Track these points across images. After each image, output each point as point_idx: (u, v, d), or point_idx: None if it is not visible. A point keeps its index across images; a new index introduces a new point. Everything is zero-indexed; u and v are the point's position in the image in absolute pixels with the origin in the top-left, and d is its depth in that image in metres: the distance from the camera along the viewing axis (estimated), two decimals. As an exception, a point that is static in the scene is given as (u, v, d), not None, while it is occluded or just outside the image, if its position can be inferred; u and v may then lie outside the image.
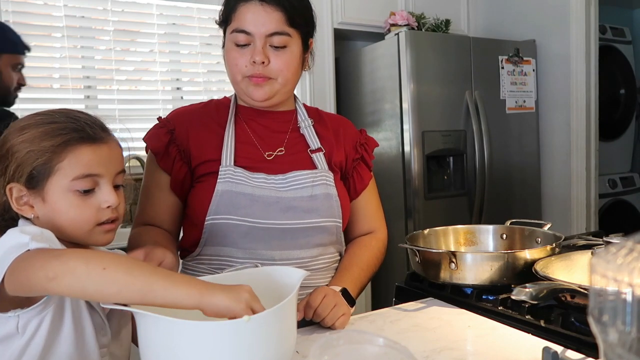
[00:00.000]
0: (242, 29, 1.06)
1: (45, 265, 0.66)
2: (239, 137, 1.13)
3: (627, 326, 0.42)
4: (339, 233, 1.16)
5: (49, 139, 0.79)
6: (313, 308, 0.99)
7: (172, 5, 2.64)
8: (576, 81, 2.88)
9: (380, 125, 2.76)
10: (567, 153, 2.95)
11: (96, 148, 0.81)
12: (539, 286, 0.92)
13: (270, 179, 1.09)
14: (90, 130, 0.82)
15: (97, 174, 0.81)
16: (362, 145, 1.24)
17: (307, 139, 1.17)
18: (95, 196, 0.82)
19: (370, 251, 1.21)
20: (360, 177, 1.23)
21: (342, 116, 1.33)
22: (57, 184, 0.79)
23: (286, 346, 0.71)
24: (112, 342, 0.85)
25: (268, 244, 1.07)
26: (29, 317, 0.75)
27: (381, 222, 1.28)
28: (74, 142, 0.80)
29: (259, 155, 1.13)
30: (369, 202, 1.25)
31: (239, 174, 1.08)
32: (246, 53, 1.07)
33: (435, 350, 0.88)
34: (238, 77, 1.09)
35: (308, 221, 1.09)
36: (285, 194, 1.09)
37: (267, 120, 1.16)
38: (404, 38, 2.57)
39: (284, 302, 0.68)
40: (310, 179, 1.11)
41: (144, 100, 2.61)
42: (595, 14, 2.85)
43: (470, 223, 2.65)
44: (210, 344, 0.63)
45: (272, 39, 1.06)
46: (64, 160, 0.79)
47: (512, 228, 1.34)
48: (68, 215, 0.80)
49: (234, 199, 1.06)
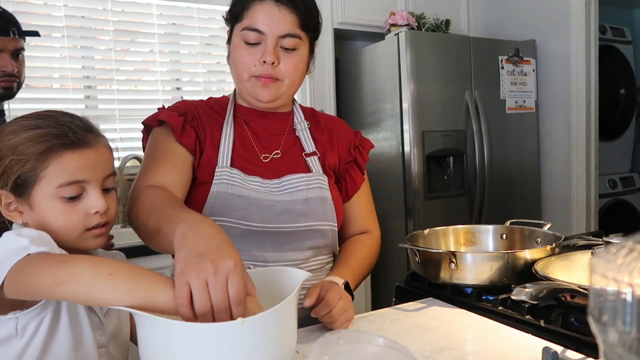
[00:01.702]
0: (254, 27, 1.04)
1: (51, 271, 0.66)
2: (236, 138, 1.12)
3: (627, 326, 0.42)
4: (333, 236, 1.15)
5: (33, 146, 0.77)
6: (329, 308, 0.96)
7: (172, 5, 2.64)
8: (576, 81, 2.88)
9: (380, 126, 2.76)
10: (567, 153, 2.95)
11: (81, 153, 0.79)
12: (539, 286, 0.92)
13: (265, 183, 1.09)
14: (74, 135, 0.79)
15: (83, 180, 0.80)
16: (357, 147, 1.23)
17: (302, 142, 1.17)
18: (83, 202, 0.80)
19: (367, 249, 1.20)
20: (353, 180, 1.21)
21: (337, 117, 1.32)
22: (42, 192, 0.78)
23: (286, 347, 0.71)
24: (110, 342, 0.85)
25: (261, 246, 1.07)
26: (28, 318, 0.75)
27: (374, 224, 1.28)
28: (57, 148, 0.78)
29: (255, 158, 1.12)
30: (362, 205, 1.25)
31: (235, 175, 1.07)
32: (256, 52, 1.05)
33: (435, 350, 0.88)
34: (245, 76, 1.08)
35: (302, 224, 1.09)
36: (280, 198, 1.08)
37: (266, 122, 1.16)
38: (404, 38, 2.57)
39: (282, 303, 0.68)
40: (305, 183, 1.10)
41: (144, 100, 2.60)
42: (595, 14, 2.85)
43: (470, 223, 2.65)
44: (207, 345, 0.63)
45: (284, 41, 1.05)
46: (49, 168, 0.77)
47: (512, 228, 1.34)
48: (56, 222, 0.79)
49: (228, 201, 1.05)
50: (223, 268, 0.64)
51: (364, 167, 1.24)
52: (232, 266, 0.65)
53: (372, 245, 1.22)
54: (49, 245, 0.73)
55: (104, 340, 0.84)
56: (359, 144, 1.24)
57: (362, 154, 1.23)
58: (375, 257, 1.23)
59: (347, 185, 1.21)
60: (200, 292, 0.63)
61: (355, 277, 1.12)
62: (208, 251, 0.66)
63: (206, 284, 0.64)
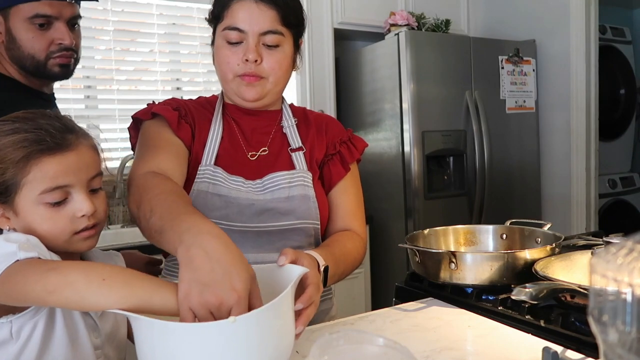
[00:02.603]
0: (235, 26, 1.04)
1: (43, 279, 0.65)
2: (225, 136, 1.11)
3: (627, 326, 0.42)
4: (317, 235, 1.12)
5: (12, 152, 0.75)
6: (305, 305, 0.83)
7: (172, 5, 2.64)
8: (576, 81, 2.88)
9: (380, 125, 2.76)
10: (567, 153, 2.95)
11: (61, 158, 0.77)
12: (539, 286, 0.92)
13: (247, 184, 1.07)
14: (52, 139, 0.76)
15: (66, 185, 0.78)
16: (344, 142, 1.19)
17: (288, 138, 1.15)
18: (68, 206, 0.78)
19: (353, 244, 1.11)
20: (331, 172, 1.16)
21: (329, 115, 1.29)
22: (25, 198, 0.76)
23: (284, 344, 0.71)
24: (105, 343, 0.85)
25: (242, 247, 1.03)
26: (22, 322, 0.75)
27: (359, 225, 1.18)
28: (36, 154, 0.75)
29: (241, 156, 1.11)
30: (345, 201, 1.17)
31: (218, 174, 1.06)
32: (238, 51, 1.05)
33: (435, 350, 0.88)
34: (229, 76, 1.08)
35: (284, 223, 1.07)
36: (262, 197, 1.06)
37: (254, 119, 1.14)
38: (404, 38, 2.57)
39: (275, 300, 0.67)
40: (287, 180, 1.09)
41: (144, 100, 2.58)
42: (595, 14, 2.86)
43: (470, 223, 2.65)
44: (202, 345, 0.63)
45: (265, 38, 1.05)
46: (29, 175, 0.75)
47: (512, 228, 1.34)
48: (42, 228, 0.77)
49: (208, 201, 1.04)
50: (227, 303, 0.65)
51: (349, 162, 1.18)
52: (236, 300, 0.65)
53: (358, 245, 1.13)
54: (38, 250, 0.72)
55: (100, 342, 0.83)
56: (348, 140, 1.20)
57: (350, 149, 1.19)
58: (358, 259, 1.13)
59: (324, 177, 1.17)
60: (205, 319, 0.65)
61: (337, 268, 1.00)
62: (214, 280, 0.65)
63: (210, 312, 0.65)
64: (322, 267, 0.93)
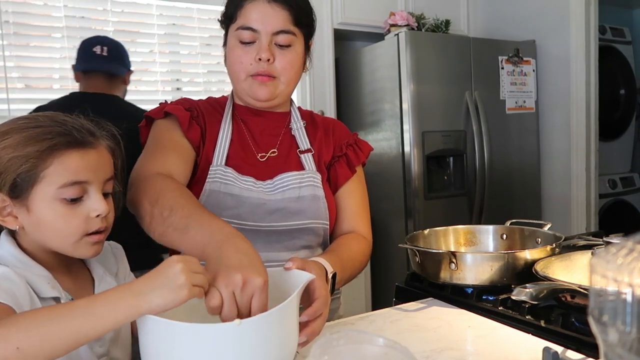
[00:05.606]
0: (248, 26, 1.05)
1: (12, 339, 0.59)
2: (234, 137, 1.12)
3: (627, 326, 0.42)
4: (325, 235, 1.13)
5: (34, 143, 0.73)
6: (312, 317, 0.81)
7: (172, 5, 2.64)
8: (576, 81, 2.88)
9: (380, 126, 2.77)
10: (567, 153, 2.95)
11: (84, 153, 0.76)
12: (539, 286, 0.92)
13: (258, 184, 1.08)
14: (78, 134, 0.76)
15: (86, 181, 0.76)
16: (350, 145, 1.21)
17: (297, 140, 1.16)
18: (84, 205, 0.77)
19: (358, 246, 1.12)
20: (337, 174, 1.18)
21: (336, 119, 1.31)
22: (42, 193, 0.74)
23: (288, 348, 0.71)
24: (111, 348, 0.83)
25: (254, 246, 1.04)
26: None
27: (365, 227, 1.19)
28: (60, 147, 0.74)
29: (251, 157, 1.12)
30: (351, 202, 1.19)
31: (229, 174, 1.07)
32: (251, 51, 1.06)
33: (435, 350, 0.88)
34: (242, 76, 1.08)
35: (294, 223, 1.08)
36: (273, 197, 1.07)
37: (263, 121, 1.16)
38: (403, 38, 2.57)
39: (282, 304, 0.68)
40: (298, 181, 1.10)
41: (144, 100, 2.60)
42: (595, 14, 2.86)
43: (470, 223, 2.65)
44: (207, 346, 0.64)
45: (278, 38, 1.06)
46: (50, 167, 0.74)
47: (512, 228, 1.34)
48: (54, 226, 0.75)
49: (220, 200, 1.05)
50: (252, 284, 0.68)
51: (355, 164, 1.20)
52: (261, 284, 0.69)
53: (364, 247, 1.15)
54: (9, 293, 0.68)
55: (104, 350, 0.82)
56: (354, 142, 1.22)
57: (357, 152, 1.21)
58: (364, 262, 1.13)
59: (330, 178, 1.19)
60: (228, 301, 0.67)
61: (343, 272, 1.00)
62: (241, 266, 0.69)
63: (233, 294, 0.67)
64: (330, 274, 0.93)
